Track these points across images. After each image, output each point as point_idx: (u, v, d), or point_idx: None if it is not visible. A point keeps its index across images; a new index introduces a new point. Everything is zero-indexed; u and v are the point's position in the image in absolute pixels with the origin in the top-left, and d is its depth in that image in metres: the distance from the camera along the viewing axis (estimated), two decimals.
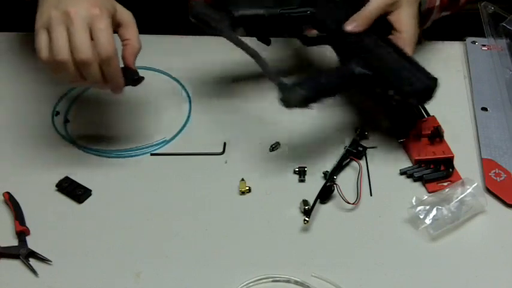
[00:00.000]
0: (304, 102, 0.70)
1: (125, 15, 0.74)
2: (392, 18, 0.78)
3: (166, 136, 0.84)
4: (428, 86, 0.73)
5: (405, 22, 0.77)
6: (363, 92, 0.83)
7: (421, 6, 0.81)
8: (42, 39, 0.69)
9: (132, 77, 0.76)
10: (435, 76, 0.73)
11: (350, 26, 0.77)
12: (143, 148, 0.83)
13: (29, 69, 0.97)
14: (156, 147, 0.83)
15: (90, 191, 0.77)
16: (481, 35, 0.96)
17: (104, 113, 0.88)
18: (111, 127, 0.86)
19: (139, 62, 0.95)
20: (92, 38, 0.68)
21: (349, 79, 0.75)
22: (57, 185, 0.77)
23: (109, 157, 0.82)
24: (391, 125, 0.84)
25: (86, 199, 0.77)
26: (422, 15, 0.83)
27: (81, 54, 0.67)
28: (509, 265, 0.69)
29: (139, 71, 0.75)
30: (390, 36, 0.78)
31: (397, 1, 0.77)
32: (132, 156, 0.82)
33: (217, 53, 0.94)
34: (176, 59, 0.96)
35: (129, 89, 0.92)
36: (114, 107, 0.89)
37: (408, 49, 0.76)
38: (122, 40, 0.74)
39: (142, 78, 0.77)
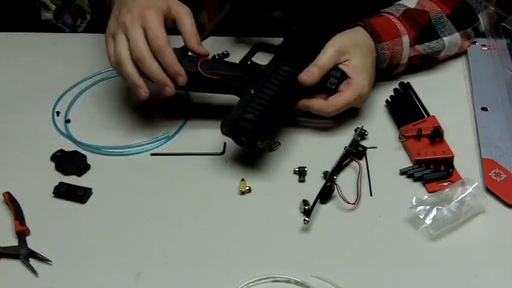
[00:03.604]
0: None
1: (177, 9, 0.80)
2: (343, 67, 0.82)
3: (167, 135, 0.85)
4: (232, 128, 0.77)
5: (354, 70, 0.82)
6: None
7: (379, 64, 0.86)
8: (109, 48, 0.79)
9: (78, 165, 0.79)
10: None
11: (305, 77, 0.81)
12: (145, 144, 0.83)
13: (29, 69, 0.97)
14: (159, 144, 0.83)
15: (91, 189, 0.78)
16: (481, 35, 0.96)
17: (104, 112, 0.89)
18: (112, 126, 0.86)
19: None
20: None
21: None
22: (54, 192, 0.77)
23: (110, 155, 0.82)
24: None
25: (88, 199, 0.77)
26: (385, 70, 0.88)
27: (137, 53, 0.76)
28: (509, 265, 0.69)
29: None
30: (344, 81, 0.82)
31: (347, 52, 0.82)
32: (133, 154, 0.82)
33: (218, 52, 0.94)
34: None
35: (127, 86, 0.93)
36: (114, 106, 0.89)
37: (352, 91, 0.81)
38: (180, 33, 0.80)
39: (87, 167, 0.80)
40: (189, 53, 0.82)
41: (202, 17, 1.04)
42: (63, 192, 0.77)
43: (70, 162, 0.80)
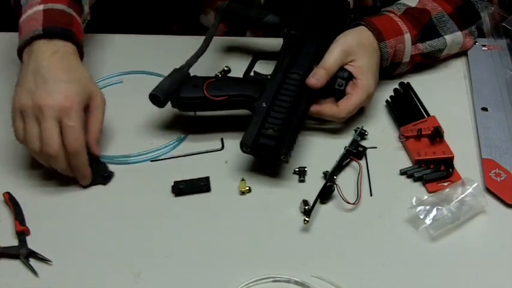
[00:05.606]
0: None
1: (95, 101, 0.77)
2: (349, 68, 0.83)
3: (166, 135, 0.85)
4: (247, 143, 0.76)
5: (360, 71, 0.82)
6: None
7: (382, 62, 0.86)
8: (18, 124, 0.75)
9: (101, 174, 0.79)
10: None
11: (313, 80, 0.81)
12: (160, 149, 0.83)
13: None
14: (172, 146, 0.83)
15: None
16: (481, 35, 0.96)
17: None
18: (113, 130, 0.86)
19: (135, 66, 0.95)
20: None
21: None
22: None
23: (112, 163, 0.81)
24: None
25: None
26: (387, 68, 0.88)
27: (48, 149, 0.73)
28: (509, 265, 0.69)
29: (135, 76, 0.74)
30: (350, 82, 0.82)
31: (352, 53, 0.82)
32: (138, 161, 0.82)
33: (215, 52, 0.94)
34: (174, 60, 0.95)
35: (127, 92, 0.92)
36: (114, 113, 0.89)
37: (360, 92, 0.81)
38: (86, 124, 0.76)
39: (111, 175, 0.79)
40: (191, 75, 0.82)
41: (207, 18, 1.04)
42: None
43: None
